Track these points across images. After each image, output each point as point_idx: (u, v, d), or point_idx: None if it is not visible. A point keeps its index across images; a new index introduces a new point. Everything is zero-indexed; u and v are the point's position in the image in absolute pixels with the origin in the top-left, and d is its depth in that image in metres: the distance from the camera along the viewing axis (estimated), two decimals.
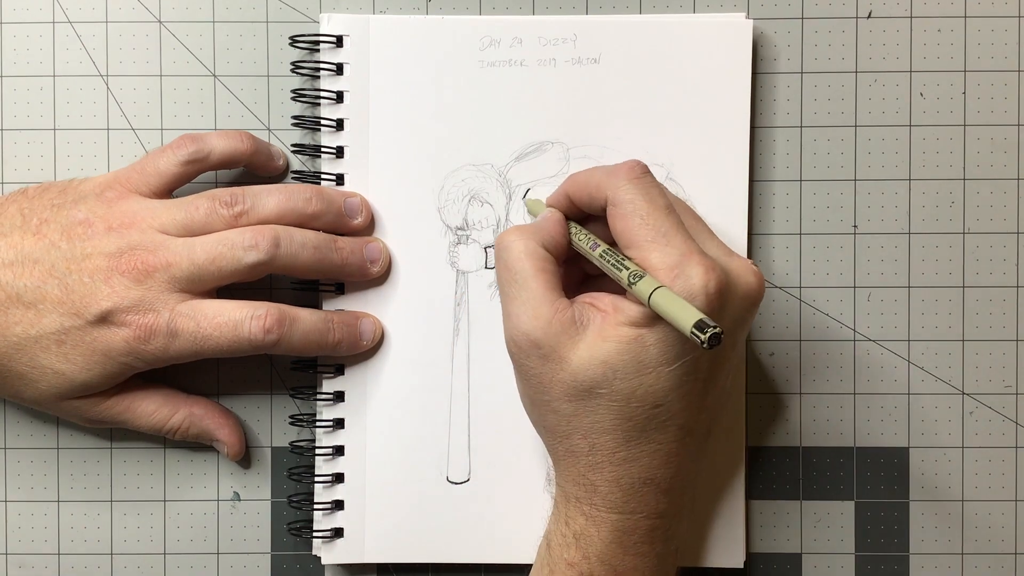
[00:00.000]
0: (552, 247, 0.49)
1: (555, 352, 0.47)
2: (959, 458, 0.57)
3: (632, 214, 0.47)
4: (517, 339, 0.48)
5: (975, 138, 0.57)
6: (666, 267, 0.45)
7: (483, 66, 0.56)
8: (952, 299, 0.57)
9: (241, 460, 0.57)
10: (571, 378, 0.47)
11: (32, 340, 0.51)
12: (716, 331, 0.42)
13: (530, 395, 0.49)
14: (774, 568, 0.57)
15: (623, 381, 0.46)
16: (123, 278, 0.51)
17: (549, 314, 0.47)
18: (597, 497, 0.48)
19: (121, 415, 0.54)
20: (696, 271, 0.45)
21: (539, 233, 0.50)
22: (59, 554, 0.58)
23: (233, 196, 0.53)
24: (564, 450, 0.48)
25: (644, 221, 0.47)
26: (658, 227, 0.46)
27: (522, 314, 0.47)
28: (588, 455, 0.48)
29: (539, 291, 0.47)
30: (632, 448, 0.47)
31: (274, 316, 0.52)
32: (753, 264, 0.48)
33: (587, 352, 0.46)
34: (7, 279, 0.51)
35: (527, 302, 0.47)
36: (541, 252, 0.49)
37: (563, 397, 0.47)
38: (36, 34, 0.57)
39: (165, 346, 0.51)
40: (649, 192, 0.47)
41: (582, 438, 0.48)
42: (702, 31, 0.55)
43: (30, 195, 0.53)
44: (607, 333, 0.46)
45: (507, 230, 0.50)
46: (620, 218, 0.47)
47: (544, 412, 0.48)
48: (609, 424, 0.47)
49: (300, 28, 0.57)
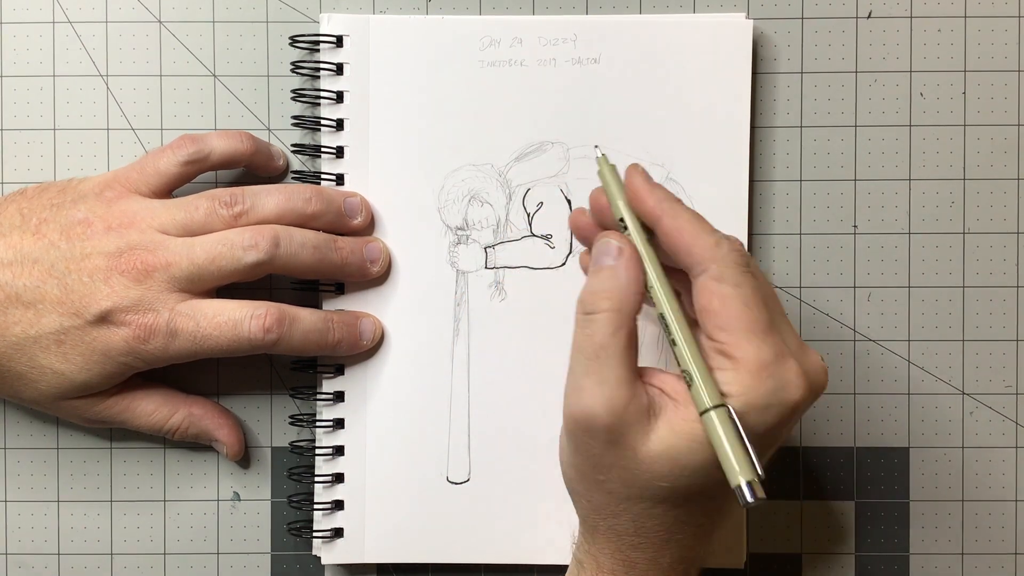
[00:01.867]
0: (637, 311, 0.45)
1: (624, 440, 0.44)
2: (959, 458, 0.57)
3: (734, 297, 0.43)
4: (585, 420, 0.44)
5: (975, 138, 0.57)
6: (759, 364, 0.43)
7: (483, 66, 0.56)
8: (952, 299, 0.57)
9: (241, 460, 0.57)
10: (635, 467, 0.44)
11: (31, 340, 0.51)
12: (761, 500, 0.41)
13: (582, 470, 0.46)
14: (774, 568, 0.57)
15: (689, 479, 0.44)
16: (122, 278, 0.51)
17: (626, 400, 0.44)
18: (635, 573, 0.47)
19: (120, 415, 0.54)
20: (791, 377, 0.43)
21: (631, 301, 0.45)
22: (59, 554, 0.58)
23: (233, 196, 0.53)
24: (607, 527, 0.46)
25: (747, 308, 0.43)
26: (758, 320, 0.43)
27: (597, 394, 0.44)
28: (632, 535, 0.46)
29: (622, 373, 0.44)
30: (677, 532, 0.46)
31: (274, 315, 0.52)
32: (822, 359, 0.46)
33: (658, 446, 0.44)
34: (6, 279, 0.51)
35: (606, 383, 0.44)
36: (632, 327, 0.45)
37: (620, 482, 0.45)
38: (36, 34, 0.57)
39: (165, 346, 0.51)
40: (754, 280, 0.44)
41: (630, 520, 0.46)
42: (702, 31, 0.55)
43: (29, 195, 0.53)
44: (680, 428, 0.43)
45: (594, 291, 0.45)
46: (718, 297, 0.44)
47: (594, 491, 0.46)
48: (660, 511, 0.45)
49: (300, 28, 0.57)
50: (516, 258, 0.56)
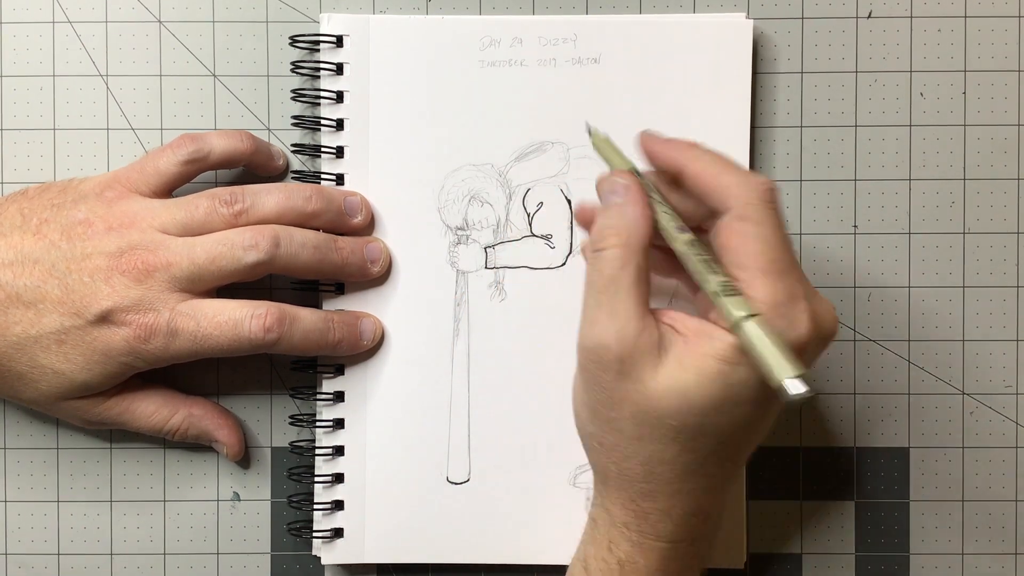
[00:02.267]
0: (647, 248, 0.46)
1: (634, 371, 0.44)
2: (959, 458, 0.57)
3: (754, 236, 0.44)
4: (597, 350, 0.45)
5: (975, 138, 0.57)
6: (773, 303, 0.43)
7: (483, 66, 0.56)
8: (952, 299, 0.57)
9: (241, 460, 0.57)
10: (645, 401, 0.44)
11: (32, 340, 0.51)
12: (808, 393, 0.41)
13: (593, 406, 0.46)
14: (774, 568, 0.57)
15: (697, 416, 0.44)
16: (123, 278, 0.51)
17: (637, 331, 0.44)
18: (646, 524, 0.46)
19: (120, 416, 0.54)
20: (802, 318, 0.43)
21: (638, 236, 0.45)
22: (59, 554, 0.57)
23: (233, 195, 0.53)
24: (617, 471, 0.46)
25: (767, 247, 0.44)
26: (777, 260, 0.44)
27: (609, 326, 0.44)
28: (642, 482, 0.46)
29: (632, 306, 0.44)
30: (688, 481, 0.46)
31: (274, 315, 0.52)
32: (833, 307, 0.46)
33: (666, 380, 0.44)
34: (7, 279, 0.51)
35: (617, 315, 0.44)
36: (640, 262, 0.45)
37: (631, 418, 0.45)
38: (36, 34, 0.57)
39: (165, 345, 0.51)
40: (778, 221, 0.45)
41: (640, 464, 0.45)
42: (702, 31, 0.55)
43: (30, 195, 0.53)
44: (689, 363, 0.44)
45: (603, 227, 0.46)
46: (738, 235, 0.44)
47: (605, 428, 0.46)
48: (670, 455, 0.45)
49: (300, 28, 0.57)
50: (516, 258, 0.56)
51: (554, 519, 0.56)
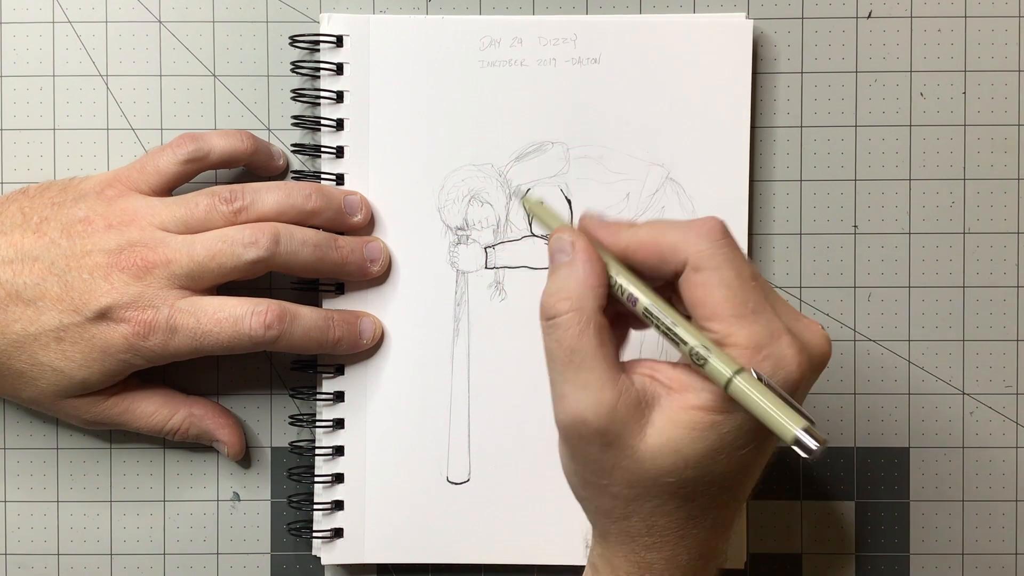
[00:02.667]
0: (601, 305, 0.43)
1: (620, 440, 0.42)
2: (959, 458, 0.57)
3: (717, 284, 0.42)
4: (576, 427, 0.42)
5: (975, 138, 0.57)
6: (754, 347, 0.41)
7: (483, 66, 0.56)
8: (952, 299, 0.57)
9: (241, 460, 0.57)
10: (637, 467, 0.42)
11: (31, 337, 0.51)
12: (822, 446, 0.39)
13: (584, 477, 0.44)
14: (774, 568, 0.57)
15: (695, 470, 0.42)
16: (123, 275, 0.51)
17: (613, 399, 0.42)
18: (651, 574, 0.45)
19: (120, 416, 0.54)
20: (788, 353, 0.41)
21: (591, 295, 0.43)
22: (59, 554, 0.57)
23: (233, 192, 0.53)
24: (618, 531, 0.45)
25: (732, 293, 0.42)
26: (746, 302, 0.42)
27: (581, 399, 0.42)
28: (646, 536, 0.44)
29: (601, 372, 0.42)
30: (692, 527, 0.44)
31: (275, 312, 0.52)
32: (822, 328, 0.44)
33: (656, 440, 0.42)
34: (6, 277, 0.51)
35: (588, 386, 0.42)
36: (600, 320, 0.43)
37: (624, 483, 0.43)
38: (36, 34, 0.57)
39: (164, 342, 0.51)
40: (735, 259, 0.42)
41: (641, 521, 0.44)
42: (702, 31, 0.56)
43: (31, 194, 0.53)
44: (678, 418, 0.42)
45: (550, 293, 0.43)
46: (701, 287, 0.42)
47: (599, 496, 0.44)
48: (671, 508, 0.43)
49: (300, 28, 0.57)
50: (516, 258, 0.56)
51: (554, 519, 0.56)
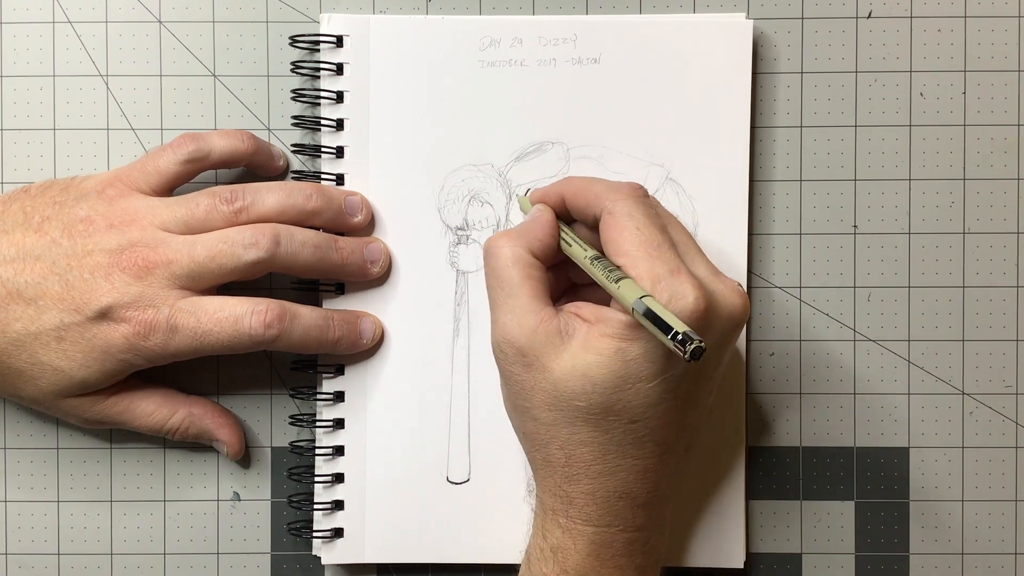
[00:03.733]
0: (540, 252, 0.49)
1: (539, 361, 0.47)
2: (959, 458, 0.57)
3: (627, 225, 0.47)
4: (502, 346, 0.48)
5: (975, 138, 0.57)
6: (654, 278, 0.46)
7: (483, 66, 0.56)
8: (952, 299, 0.57)
9: (241, 460, 0.57)
10: (552, 387, 0.47)
11: (32, 336, 0.51)
12: (699, 344, 0.42)
13: (512, 400, 0.49)
14: (774, 568, 0.57)
15: (602, 395, 0.46)
16: (123, 274, 0.51)
17: (535, 323, 0.47)
18: (573, 509, 0.48)
19: (120, 415, 0.54)
20: (684, 287, 0.45)
21: (527, 237, 0.49)
22: (59, 554, 0.57)
23: (233, 192, 0.53)
24: (542, 459, 0.49)
25: (639, 232, 0.47)
26: (651, 240, 0.47)
27: (508, 321, 0.48)
28: (564, 466, 0.48)
29: (525, 299, 0.48)
30: (608, 462, 0.47)
31: (275, 311, 0.52)
32: (739, 286, 0.48)
33: (569, 363, 0.46)
34: (8, 275, 0.51)
35: (513, 309, 0.48)
36: (529, 259, 0.49)
37: (543, 406, 0.47)
38: (36, 34, 0.57)
39: (165, 342, 0.51)
40: (646, 208, 0.48)
41: (559, 448, 0.48)
42: (702, 31, 0.56)
43: (32, 193, 0.53)
44: (590, 344, 0.46)
45: (495, 235, 0.50)
46: (614, 227, 0.47)
47: (524, 419, 0.49)
48: (586, 436, 0.47)
49: (300, 28, 0.57)
50: None
51: None
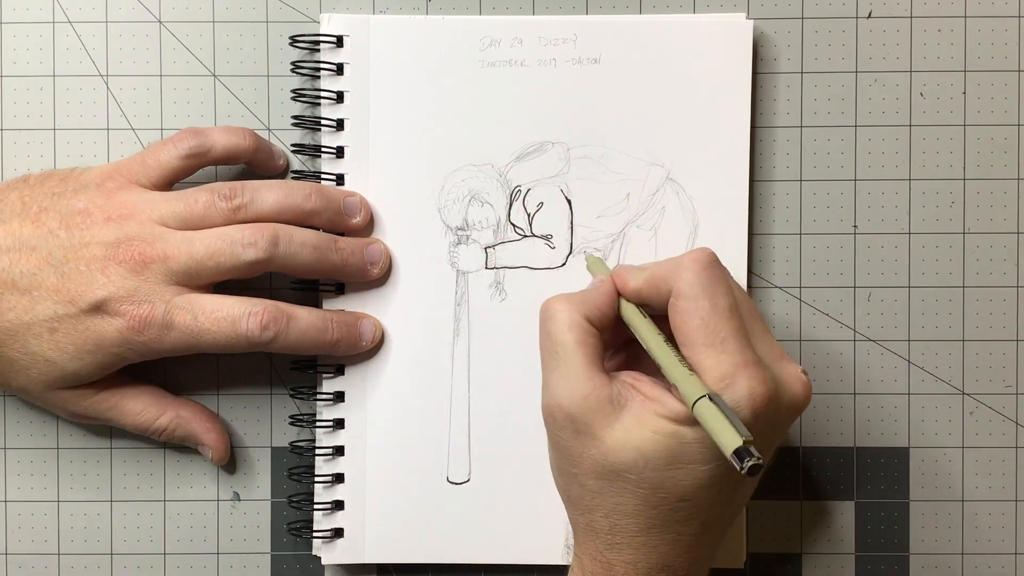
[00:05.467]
0: (598, 321, 0.48)
1: (589, 428, 0.46)
2: (959, 458, 0.57)
3: (693, 313, 0.46)
4: (552, 410, 0.47)
5: (975, 138, 0.57)
6: (718, 375, 0.45)
7: (483, 66, 0.56)
8: (952, 299, 0.57)
9: (241, 460, 0.57)
10: (602, 457, 0.46)
11: (25, 327, 0.51)
12: (756, 462, 0.41)
13: (559, 464, 0.49)
14: (774, 568, 0.57)
15: (654, 471, 0.45)
16: (120, 268, 0.51)
17: (587, 390, 0.46)
18: None
19: (108, 411, 0.54)
20: (747, 384, 0.44)
21: (585, 304, 0.48)
22: (59, 554, 0.57)
23: (232, 189, 0.53)
24: (585, 524, 0.48)
25: (704, 323, 0.46)
26: (717, 332, 0.45)
27: (560, 387, 0.47)
28: (608, 534, 0.47)
29: (579, 365, 0.47)
30: (652, 536, 0.47)
31: (271, 313, 0.52)
32: (803, 374, 0.48)
33: (622, 435, 0.46)
34: (3, 265, 0.51)
35: (566, 375, 0.47)
36: (585, 325, 0.48)
37: (591, 473, 0.47)
38: (36, 34, 0.57)
39: (159, 337, 0.51)
40: (714, 289, 0.46)
41: (604, 516, 0.47)
42: (702, 31, 0.56)
43: (31, 183, 0.53)
44: (645, 420, 0.46)
45: (553, 297, 0.49)
46: (680, 315, 0.46)
47: (570, 484, 0.48)
48: (632, 508, 0.47)
49: (300, 28, 0.57)
50: (516, 258, 0.56)
51: (554, 519, 0.56)
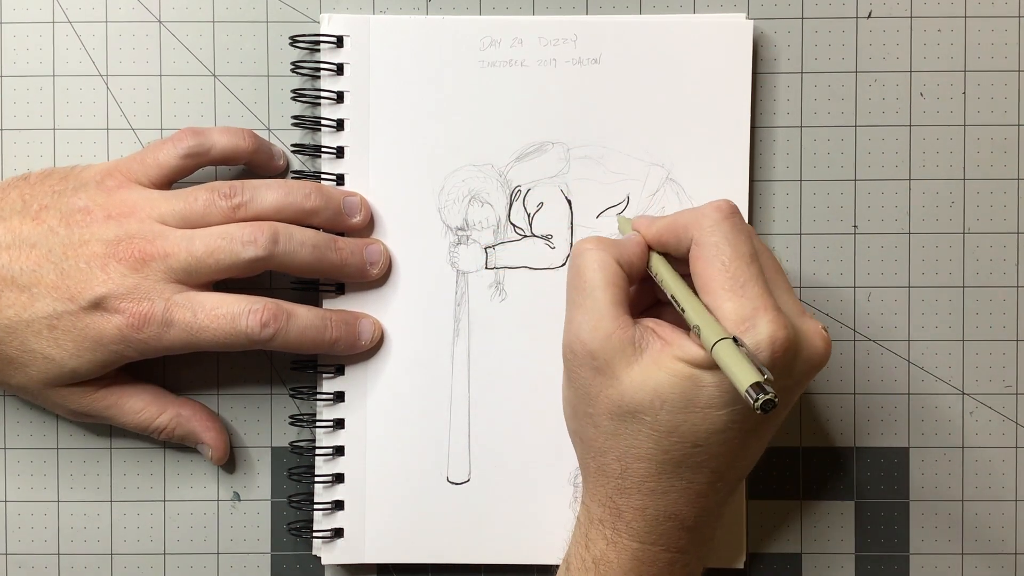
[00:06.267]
0: (627, 266, 0.49)
1: (608, 367, 0.46)
2: (959, 458, 0.57)
3: (713, 258, 0.46)
4: (574, 346, 0.47)
5: (975, 138, 0.57)
6: (738, 318, 0.45)
7: (483, 66, 0.56)
8: (952, 299, 0.57)
9: (241, 460, 0.57)
10: (618, 396, 0.46)
11: (24, 324, 0.51)
12: (771, 398, 0.42)
13: (574, 404, 0.49)
14: (774, 568, 0.57)
15: (669, 414, 0.46)
16: (119, 265, 0.51)
17: (610, 328, 0.46)
18: (621, 523, 0.48)
19: (108, 409, 0.54)
20: (767, 327, 0.44)
21: (617, 248, 0.49)
22: (59, 554, 0.57)
23: (232, 188, 0.53)
24: (596, 467, 0.48)
25: (724, 267, 0.46)
26: (737, 276, 0.45)
27: (584, 323, 0.47)
28: (618, 478, 0.47)
29: (605, 304, 0.47)
30: (663, 481, 0.47)
31: (271, 311, 0.52)
32: (824, 329, 0.48)
33: (640, 375, 0.46)
34: (3, 262, 0.51)
35: (591, 312, 0.47)
36: (615, 267, 0.48)
37: (606, 413, 0.47)
38: (36, 34, 0.57)
39: (158, 335, 0.51)
40: (735, 236, 0.47)
41: (616, 459, 0.47)
42: (702, 31, 0.56)
43: (32, 181, 0.53)
44: (663, 363, 0.46)
45: (586, 238, 0.49)
46: (701, 260, 0.47)
47: (584, 424, 0.48)
48: (645, 452, 0.47)
49: (300, 28, 0.57)
50: (516, 258, 0.56)
51: (554, 519, 0.56)
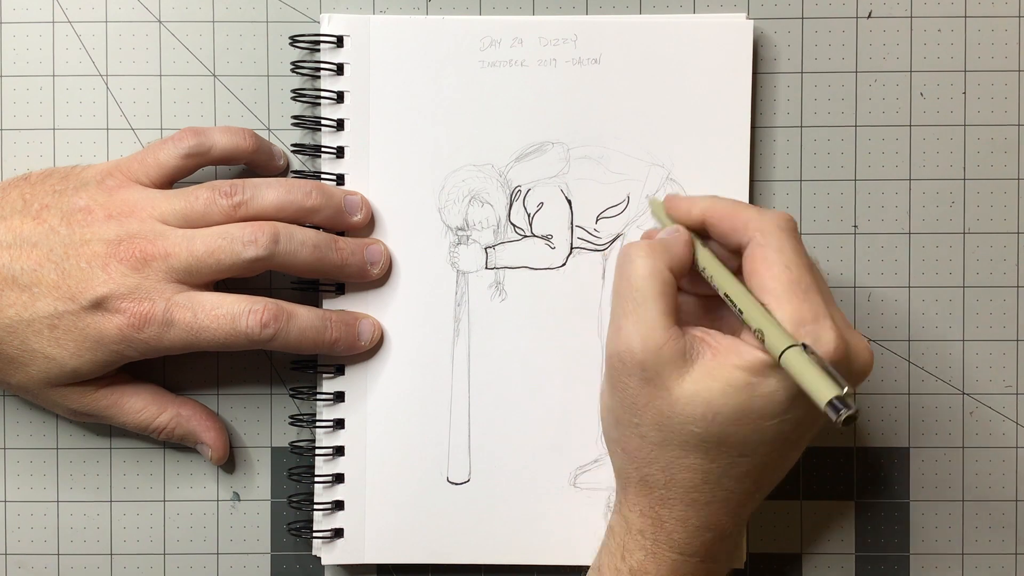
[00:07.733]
0: (677, 272, 0.48)
1: (659, 379, 0.45)
2: (959, 458, 0.57)
3: (776, 261, 0.45)
4: (623, 356, 0.46)
5: (975, 138, 0.57)
6: (798, 321, 0.44)
7: (483, 66, 0.56)
8: (952, 299, 0.57)
9: (240, 460, 0.57)
10: (668, 408, 0.45)
11: (24, 323, 0.51)
12: (853, 413, 0.41)
13: (617, 414, 0.48)
14: (774, 568, 0.57)
15: (720, 425, 0.45)
16: (120, 265, 0.51)
17: (661, 340, 0.45)
18: (662, 533, 0.47)
19: (108, 409, 0.54)
20: (828, 336, 0.44)
21: (667, 254, 0.48)
22: (59, 554, 0.57)
23: (233, 187, 0.53)
24: (639, 477, 0.47)
25: (788, 271, 0.45)
26: (799, 281, 0.45)
27: (634, 333, 0.46)
28: (663, 488, 0.47)
29: (656, 315, 0.46)
30: (707, 492, 0.46)
31: (271, 311, 0.52)
32: (868, 342, 0.47)
33: (692, 387, 0.45)
34: (4, 261, 0.51)
35: (641, 323, 0.46)
36: (667, 275, 0.47)
37: (654, 424, 0.46)
38: (36, 34, 0.57)
39: (159, 335, 0.51)
40: (796, 245, 0.46)
41: (661, 470, 0.47)
42: (702, 31, 0.56)
43: (32, 180, 0.53)
44: (717, 373, 0.45)
45: (635, 243, 0.48)
46: (762, 261, 0.46)
47: (629, 434, 0.47)
48: (692, 462, 0.46)
49: (300, 28, 0.57)
50: (517, 258, 0.56)
51: (554, 519, 0.56)
